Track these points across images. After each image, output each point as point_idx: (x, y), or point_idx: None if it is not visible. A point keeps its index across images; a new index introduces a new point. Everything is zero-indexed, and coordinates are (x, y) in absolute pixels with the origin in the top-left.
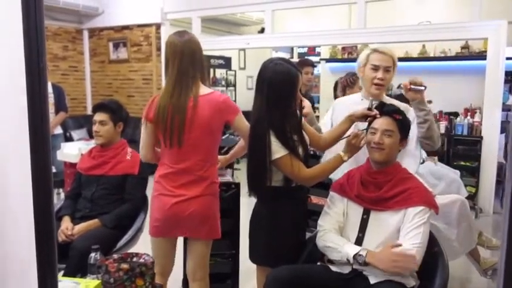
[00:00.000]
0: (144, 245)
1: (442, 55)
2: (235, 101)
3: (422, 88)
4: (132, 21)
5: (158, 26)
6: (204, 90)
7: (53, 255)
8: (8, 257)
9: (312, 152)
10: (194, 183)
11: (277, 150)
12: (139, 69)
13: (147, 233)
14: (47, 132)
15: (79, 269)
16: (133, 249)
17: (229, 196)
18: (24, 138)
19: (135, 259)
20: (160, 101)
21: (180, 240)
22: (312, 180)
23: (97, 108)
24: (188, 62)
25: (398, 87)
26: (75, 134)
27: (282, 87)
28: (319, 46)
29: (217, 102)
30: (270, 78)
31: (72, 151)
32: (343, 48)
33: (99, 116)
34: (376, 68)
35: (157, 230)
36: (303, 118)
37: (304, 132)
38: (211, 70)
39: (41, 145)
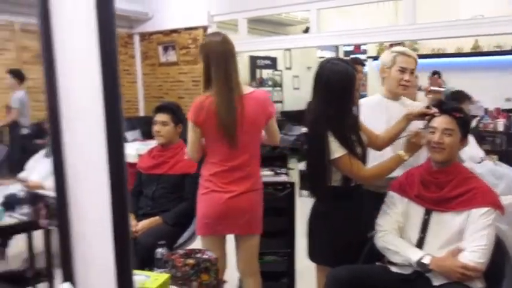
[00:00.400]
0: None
1: (497, 49)
2: (281, 101)
3: (442, 90)
4: (180, 25)
5: (205, 29)
6: (246, 89)
7: (128, 250)
8: (87, 250)
9: None
10: (243, 179)
11: (336, 150)
12: (189, 72)
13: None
14: (122, 132)
15: (144, 264)
16: (191, 247)
17: (284, 195)
18: (101, 140)
19: (198, 255)
20: (211, 105)
21: (230, 238)
22: (371, 179)
23: (159, 109)
24: (230, 62)
25: (419, 89)
26: (128, 135)
27: (340, 86)
28: (365, 44)
29: (263, 99)
30: (327, 78)
31: (131, 151)
32: (391, 45)
33: (160, 117)
34: (403, 70)
35: (207, 227)
36: None
37: (361, 132)
38: (258, 71)
39: (117, 146)
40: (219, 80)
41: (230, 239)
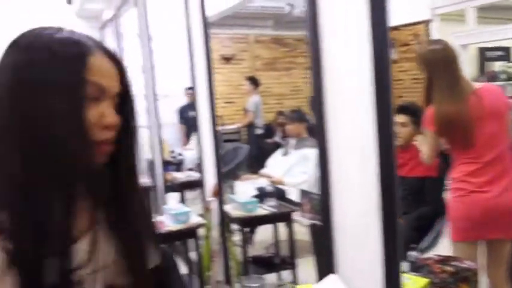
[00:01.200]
0: (443, 250)
1: None
2: None
3: None
4: (399, 22)
5: (427, 23)
6: (474, 84)
7: (397, 251)
8: (350, 247)
9: None
10: (501, 175)
11: None
12: (409, 69)
13: (448, 238)
14: (393, 136)
15: None
16: (432, 253)
17: None
18: (370, 142)
19: (455, 263)
20: (441, 110)
21: None
22: None
23: (399, 110)
24: (453, 66)
25: None
26: None
27: None
28: None
29: (497, 89)
30: None
31: None
32: None
33: (400, 118)
34: None
35: (466, 231)
36: None
37: None
38: (487, 64)
39: (387, 147)
40: (443, 87)
41: None
